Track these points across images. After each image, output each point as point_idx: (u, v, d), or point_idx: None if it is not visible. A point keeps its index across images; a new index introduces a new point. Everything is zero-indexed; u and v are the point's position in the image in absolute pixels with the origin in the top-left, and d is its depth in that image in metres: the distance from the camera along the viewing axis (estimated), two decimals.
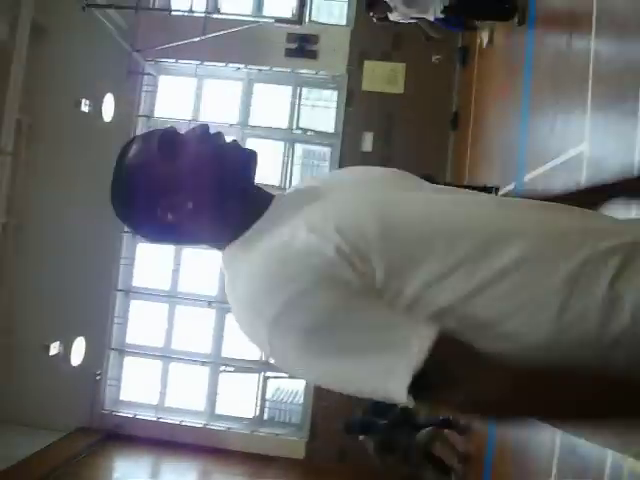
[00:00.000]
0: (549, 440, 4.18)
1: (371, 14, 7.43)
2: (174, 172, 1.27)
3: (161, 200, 1.27)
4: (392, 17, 7.29)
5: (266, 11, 11.01)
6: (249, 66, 10.74)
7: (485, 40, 8.17)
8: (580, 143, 4.37)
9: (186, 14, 9.83)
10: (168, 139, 1.30)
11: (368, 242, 1.14)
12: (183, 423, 10.34)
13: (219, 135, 1.33)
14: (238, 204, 1.29)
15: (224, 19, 9.95)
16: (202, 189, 1.27)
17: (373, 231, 1.15)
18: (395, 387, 1.08)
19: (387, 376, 1.08)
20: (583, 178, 4.26)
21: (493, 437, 6.00)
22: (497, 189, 7.00)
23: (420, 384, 1.07)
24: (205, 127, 1.33)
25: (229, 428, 10.35)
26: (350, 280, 1.12)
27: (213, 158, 1.29)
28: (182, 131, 1.34)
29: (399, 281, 1.14)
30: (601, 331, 1.12)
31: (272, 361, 1.23)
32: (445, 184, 1.52)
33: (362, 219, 1.18)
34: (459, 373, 1.09)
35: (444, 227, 1.20)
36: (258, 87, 11.18)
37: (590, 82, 4.29)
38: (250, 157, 1.32)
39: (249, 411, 10.63)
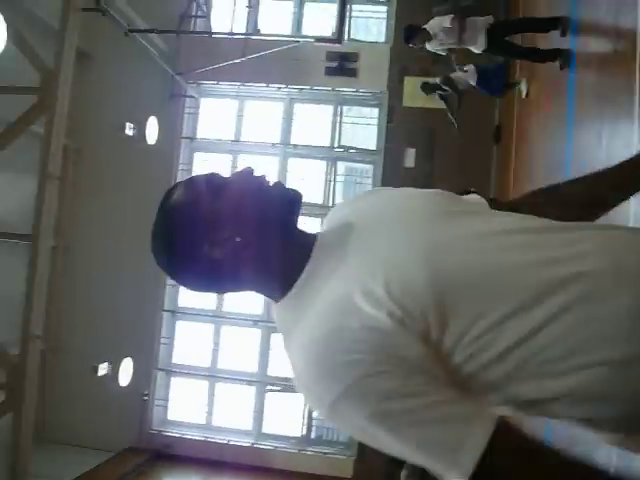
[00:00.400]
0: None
1: (410, 46, 7.34)
2: (221, 210, 1.26)
3: (209, 236, 1.26)
4: (429, 47, 7.16)
5: (305, 30, 11.10)
6: (290, 86, 10.81)
7: (524, 91, 8.17)
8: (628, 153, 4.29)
9: (227, 37, 9.93)
10: (214, 180, 1.30)
11: (419, 296, 1.13)
12: (230, 442, 10.36)
13: (263, 177, 1.32)
14: (282, 244, 1.28)
15: (264, 40, 10.05)
16: (248, 227, 1.26)
17: (422, 281, 1.13)
18: (463, 463, 1.06)
19: (450, 466, 1.07)
20: None
21: None
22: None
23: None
24: (250, 169, 1.32)
25: (276, 447, 10.34)
26: (409, 351, 1.10)
27: (258, 197, 1.28)
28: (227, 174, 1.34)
29: (453, 336, 1.13)
30: None
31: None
32: (490, 200, 1.46)
33: (412, 275, 1.14)
34: (515, 458, 1.08)
35: (494, 282, 1.17)
36: (299, 107, 11.26)
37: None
38: (294, 197, 1.31)
39: (296, 430, 10.62)
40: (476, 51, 6.98)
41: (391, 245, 1.21)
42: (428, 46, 7.17)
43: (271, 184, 1.31)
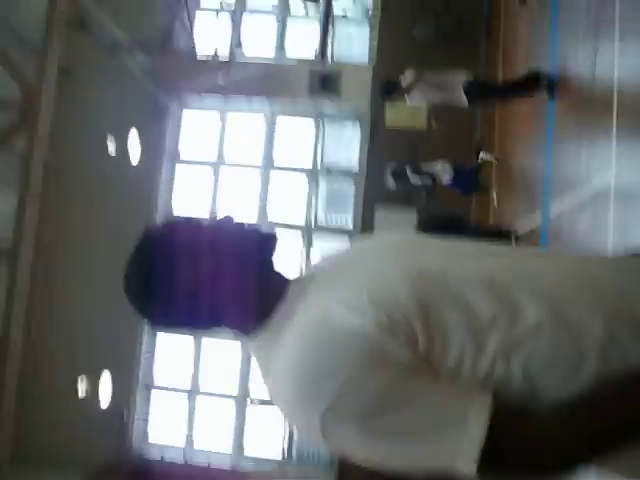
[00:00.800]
0: None
1: (386, 100, 7.30)
2: (201, 244, 1.28)
3: (187, 267, 1.26)
4: (409, 101, 7.09)
5: (289, 47, 11.16)
6: (272, 104, 10.84)
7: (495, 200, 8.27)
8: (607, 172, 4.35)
9: (209, 58, 9.98)
10: (194, 220, 1.33)
11: (404, 307, 1.14)
12: (211, 465, 10.28)
13: (242, 224, 1.34)
14: (258, 279, 1.29)
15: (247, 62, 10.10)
16: (225, 260, 1.27)
17: (406, 293, 1.15)
18: (464, 464, 1.07)
19: (454, 455, 1.08)
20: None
21: None
22: (515, 235, 7.02)
23: (484, 454, 1.07)
24: (229, 218, 1.35)
25: (256, 469, 10.26)
26: (396, 355, 1.11)
27: (236, 234, 1.31)
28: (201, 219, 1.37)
29: (442, 340, 1.14)
30: None
31: (326, 446, 1.19)
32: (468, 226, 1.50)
33: (393, 285, 1.17)
34: (520, 436, 1.09)
35: (474, 280, 1.20)
36: (281, 123, 11.30)
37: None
38: (270, 236, 1.33)
39: (277, 450, 10.55)
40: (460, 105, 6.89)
41: (371, 268, 1.25)
42: (408, 101, 7.10)
43: (247, 226, 1.34)
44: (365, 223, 10.35)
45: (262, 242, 1.32)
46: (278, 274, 1.35)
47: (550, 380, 1.14)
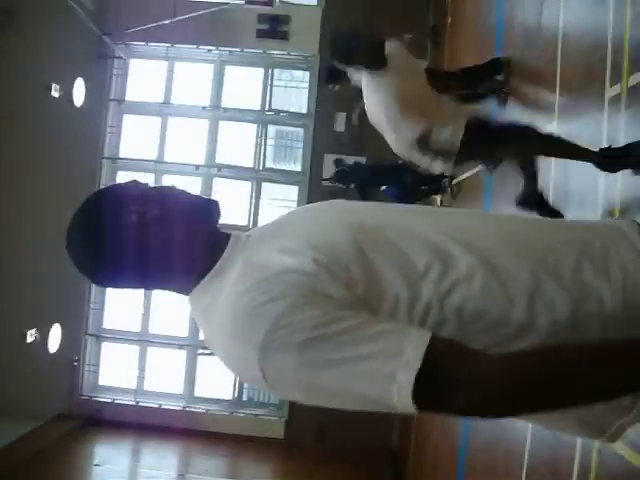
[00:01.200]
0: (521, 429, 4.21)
1: (330, 86, 6.60)
2: (141, 219, 1.29)
3: (127, 238, 1.29)
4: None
5: None
6: (220, 48, 10.67)
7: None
8: None
9: None
10: (135, 189, 1.35)
11: (343, 253, 1.19)
12: (162, 406, 10.37)
13: (184, 191, 1.39)
14: (201, 247, 1.33)
15: (194, 1, 9.87)
16: (168, 232, 1.30)
17: (345, 242, 1.21)
18: (399, 393, 1.07)
19: (390, 384, 1.07)
20: None
21: (467, 430, 6.01)
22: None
23: (422, 391, 1.07)
24: (173, 187, 1.39)
25: (208, 410, 10.39)
26: (333, 292, 1.14)
27: (181, 194, 1.37)
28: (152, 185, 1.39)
29: (379, 287, 1.19)
30: (572, 317, 1.21)
31: (267, 388, 1.21)
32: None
33: (333, 233, 1.23)
34: (458, 372, 1.08)
35: (409, 234, 1.27)
36: (230, 69, 11.14)
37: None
38: (214, 202, 1.38)
39: (228, 392, 10.68)
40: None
41: (312, 222, 1.32)
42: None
43: (192, 194, 1.40)
44: (313, 171, 10.34)
45: (205, 208, 1.37)
46: (221, 234, 1.37)
47: (482, 324, 1.20)
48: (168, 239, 1.31)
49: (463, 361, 1.09)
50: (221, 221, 1.37)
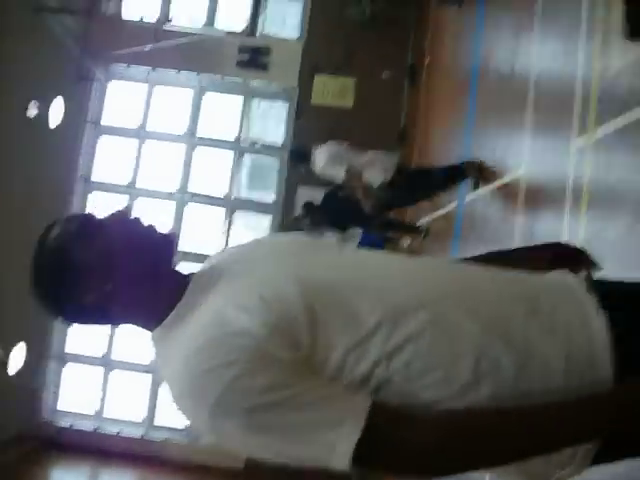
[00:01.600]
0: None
1: (301, 169, 6.72)
2: (93, 255, 1.29)
3: (80, 282, 1.29)
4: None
5: (219, 20, 11.04)
6: (200, 75, 10.74)
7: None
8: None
9: (138, 23, 9.79)
10: (89, 223, 1.34)
11: (291, 305, 1.19)
12: (121, 434, 10.24)
13: (138, 220, 1.35)
14: (154, 286, 1.33)
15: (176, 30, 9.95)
16: (119, 272, 1.30)
17: (294, 293, 1.21)
18: (338, 462, 1.13)
19: (329, 453, 1.13)
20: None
21: None
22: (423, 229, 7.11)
23: (361, 456, 1.12)
24: (125, 211, 1.36)
25: (167, 438, 10.28)
26: (283, 354, 1.16)
27: (131, 241, 1.32)
28: (102, 216, 1.36)
29: (326, 344, 1.19)
30: (516, 376, 1.22)
31: (216, 440, 1.24)
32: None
33: (284, 288, 1.22)
34: (396, 436, 1.14)
35: (360, 290, 1.26)
36: (209, 96, 11.20)
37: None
38: (169, 239, 1.36)
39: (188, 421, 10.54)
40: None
41: (264, 271, 1.30)
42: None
43: (145, 226, 1.35)
44: (287, 202, 10.38)
45: (160, 244, 1.35)
46: (178, 273, 1.37)
47: (428, 380, 1.20)
48: (123, 282, 1.30)
49: (402, 428, 1.14)
50: (192, 249, 1.36)
